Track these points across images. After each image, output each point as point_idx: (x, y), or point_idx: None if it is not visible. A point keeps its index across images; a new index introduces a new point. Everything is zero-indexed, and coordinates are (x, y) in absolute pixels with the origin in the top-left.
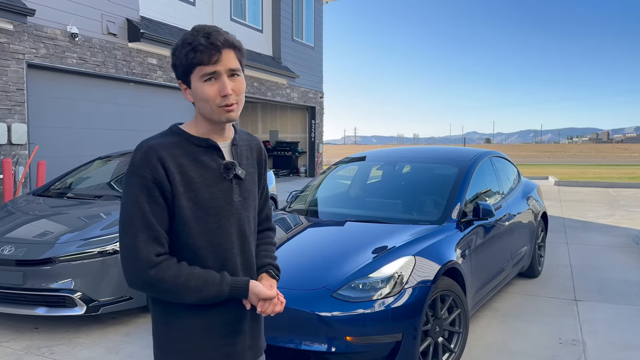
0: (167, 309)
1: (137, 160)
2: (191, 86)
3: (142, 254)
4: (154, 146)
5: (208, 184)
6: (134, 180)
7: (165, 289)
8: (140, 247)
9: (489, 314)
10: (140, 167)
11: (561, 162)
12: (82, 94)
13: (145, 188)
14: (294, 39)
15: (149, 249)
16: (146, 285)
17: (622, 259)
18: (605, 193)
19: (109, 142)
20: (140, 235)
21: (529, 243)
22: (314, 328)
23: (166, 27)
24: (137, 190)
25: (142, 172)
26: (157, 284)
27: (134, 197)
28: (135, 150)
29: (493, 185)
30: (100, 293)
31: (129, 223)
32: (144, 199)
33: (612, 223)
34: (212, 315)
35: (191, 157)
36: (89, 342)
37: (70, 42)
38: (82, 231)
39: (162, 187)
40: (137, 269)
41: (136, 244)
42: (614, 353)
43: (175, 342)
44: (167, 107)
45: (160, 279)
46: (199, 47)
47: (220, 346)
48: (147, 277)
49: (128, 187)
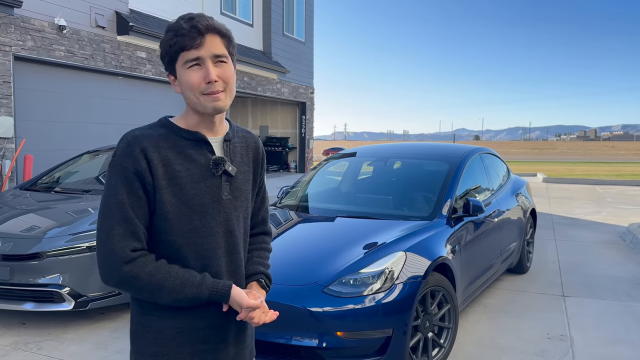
0: (143, 309)
1: (120, 150)
2: (177, 75)
3: (116, 248)
4: (138, 137)
5: (194, 180)
6: (115, 171)
7: (140, 287)
8: (115, 241)
9: (479, 309)
10: (122, 157)
11: (549, 160)
12: (70, 87)
13: (126, 179)
14: (285, 33)
15: (124, 243)
16: (120, 282)
17: (609, 255)
18: (592, 190)
19: (98, 136)
20: (117, 229)
21: (518, 239)
22: (304, 323)
23: (155, 21)
24: (117, 180)
25: (123, 162)
26: (132, 281)
27: (113, 187)
28: (120, 140)
29: (483, 182)
30: (88, 288)
31: (105, 215)
32: (124, 190)
33: (599, 220)
34: (191, 318)
35: (177, 150)
36: (77, 337)
37: (58, 35)
38: (70, 226)
39: (143, 179)
40: (111, 264)
41: (111, 238)
42: (601, 348)
43: (150, 344)
44: (157, 101)
45: (134, 275)
46: (181, 31)
47: (198, 352)
48: (122, 273)
49: (109, 178)
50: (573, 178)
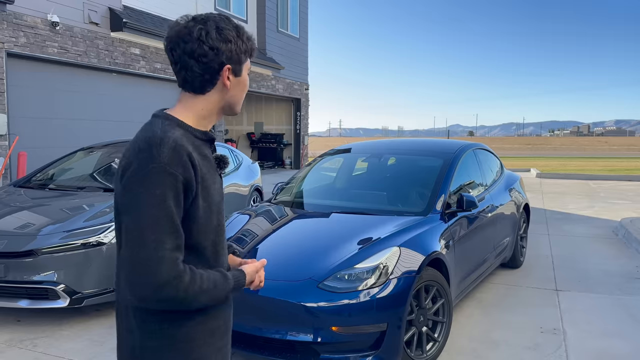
0: (172, 323)
1: (165, 156)
2: (240, 74)
3: (167, 265)
4: (178, 141)
5: (212, 180)
6: (161, 179)
7: (184, 299)
8: (166, 257)
9: (472, 304)
10: (170, 164)
11: (543, 155)
12: (63, 84)
13: (175, 188)
14: (279, 30)
15: (176, 255)
16: (166, 299)
17: (602, 250)
18: (585, 185)
19: (92, 133)
20: (168, 243)
21: (511, 234)
22: (300, 318)
23: (149, 17)
24: (165, 189)
25: (172, 169)
26: (181, 294)
27: (160, 197)
28: (156, 143)
29: (476, 177)
30: (83, 285)
31: (152, 227)
32: (171, 199)
33: (592, 214)
34: (215, 318)
35: (199, 152)
36: (72, 334)
37: (51, 31)
38: (65, 223)
39: (189, 187)
40: (159, 282)
41: (163, 252)
42: (594, 341)
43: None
44: (151, 98)
45: (184, 289)
46: (253, 41)
47: (220, 348)
48: (171, 290)
49: (153, 186)
50: (566, 173)
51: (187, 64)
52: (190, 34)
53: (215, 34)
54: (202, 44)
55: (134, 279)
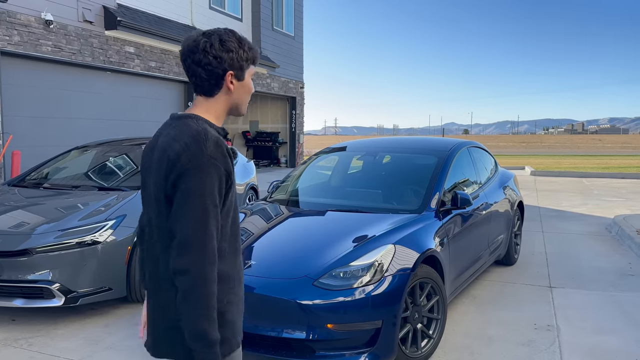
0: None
1: (212, 150)
2: (242, 79)
3: (212, 247)
4: (217, 136)
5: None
6: (209, 170)
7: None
8: (211, 240)
9: (467, 301)
10: (215, 157)
11: (537, 153)
12: (57, 82)
13: (219, 179)
14: (274, 28)
15: (215, 242)
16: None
17: (595, 247)
18: (579, 183)
19: (86, 131)
20: (212, 228)
21: (505, 231)
22: (295, 316)
23: (144, 15)
24: (212, 180)
25: (218, 162)
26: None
27: (211, 187)
28: (202, 139)
29: (471, 175)
30: (79, 284)
31: (203, 214)
32: (216, 190)
33: (585, 212)
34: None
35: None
36: (68, 333)
37: (45, 30)
38: (60, 222)
39: (228, 177)
40: (207, 261)
41: (211, 237)
42: (587, 337)
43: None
44: (145, 96)
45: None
46: (256, 49)
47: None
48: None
49: (202, 176)
50: (560, 171)
51: (195, 72)
52: (197, 46)
53: (218, 45)
54: (207, 54)
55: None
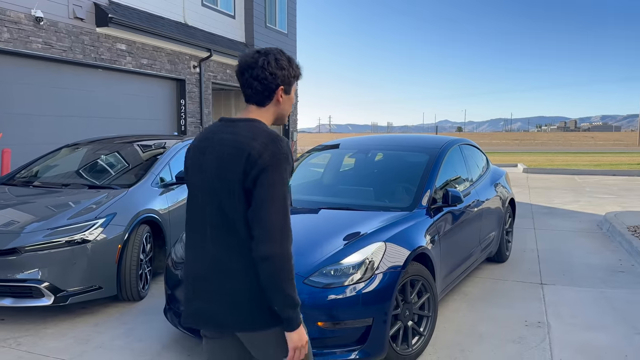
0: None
1: (285, 147)
2: (289, 93)
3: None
4: (285, 137)
5: None
6: (284, 165)
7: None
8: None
9: (458, 298)
10: (287, 154)
11: (530, 150)
12: (48, 79)
13: (288, 173)
14: (267, 25)
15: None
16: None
17: (586, 244)
18: (571, 180)
19: (78, 129)
20: (289, 212)
21: (497, 229)
22: None
23: (135, 12)
24: (287, 174)
25: (289, 159)
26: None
27: (285, 179)
28: (278, 139)
29: (462, 173)
30: (68, 283)
31: (280, 202)
32: (287, 181)
33: (577, 209)
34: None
35: None
36: (57, 332)
37: (35, 27)
38: (49, 220)
39: (291, 173)
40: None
41: (289, 221)
42: (577, 334)
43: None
44: (136, 94)
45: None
46: (301, 70)
47: None
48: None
49: (281, 170)
50: (553, 168)
51: (252, 84)
52: (255, 63)
53: (274, 63)
54: (264, 70)
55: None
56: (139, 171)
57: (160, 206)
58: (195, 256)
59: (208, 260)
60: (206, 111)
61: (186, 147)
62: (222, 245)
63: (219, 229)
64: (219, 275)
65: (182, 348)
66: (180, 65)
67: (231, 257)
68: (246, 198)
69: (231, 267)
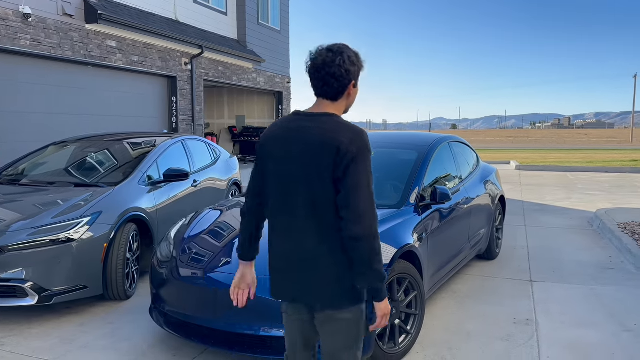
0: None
1: (367, 140)
2: (357, 86)
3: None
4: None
5: None
6: (369, 157)
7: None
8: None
9: (447, 295)
10: (369, 145)
11: (524, 147)
12: (37, 77)
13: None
14: (260, 22)
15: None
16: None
17: (577, 241)
18: (563, 177)
19: (67, 127)
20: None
21: (486, 226)
22: (272, 313)
23: (125, 9)
24: (370, 164)
25: (370, 149)
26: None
27: (370, 168)
28: (362, 132)
29: (451, 170)
30: (53, 282)
31: (369, 189)
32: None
33: (568, 206)
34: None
35: None
36: (42, 332)
37: (23, 23)
38: (33, 219)
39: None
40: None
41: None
42: (566, 331)
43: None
44: (127, 91)
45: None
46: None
47: None
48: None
49: (367, 160)
50: (545, 165)
51: (329, 81)
52: (333, 61)
53: (348, 60)
54: (340, 68)
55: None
56: (127, 169)
57: (148, 204)
58: (283, 240)
59: (294, 243)
60: (198, 108)
61: (174, 145)
62: (307, 229)
63: (305, 214)
64: (304, 258)
65: (168, 348)
66: (172, 62)
67: (315, 240)
68: (334, 186)
69: (315, 250)
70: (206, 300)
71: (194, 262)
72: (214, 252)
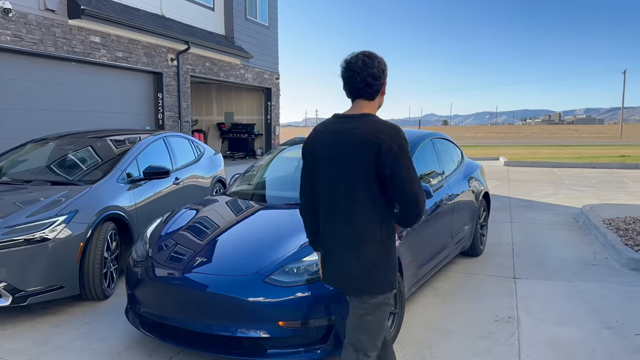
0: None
1: (405, 137)
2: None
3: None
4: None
5: None
6: (408, 150)
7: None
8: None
9: (429, 293)
10: (407, 141)
11: (514, 143)
12: (18, 73)
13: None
14: (248, 17)
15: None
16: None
17: (562, 237)
18: (551, 173)
19: (51, 124)
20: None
21: (470, 223)
22: (246, 314)
23: (109, 3)
24: (410, 155)
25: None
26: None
27: (411, 160)
28: (400, 130)
29: (434, 167)
30: (27, 283)
31: (416, 178)
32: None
33: (555, 202)
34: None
35: None
36: (16, 333)
37: (3, 19)
38: (7, 218)
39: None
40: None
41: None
42: (547, 329)
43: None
44: (112, 87)
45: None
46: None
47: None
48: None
49: (408, 155)
50: (533, 161)
51: (369, 82)
52: (373, 64)
53: (382, 62)
54: (379, 69)
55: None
56: (105, 167)
57: (127, 203)
58: (330, 233)
59: (338, 235)
60: (184, 105)
61: (155, 142)
62: (348, 223)
63: (347, 210)
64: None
65: (144, 348)
66: (157, 58)
67: (356, 234)
68: (379, 183)
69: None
70: (182, 301)
71: (170, 261)
72: (190, 251)
